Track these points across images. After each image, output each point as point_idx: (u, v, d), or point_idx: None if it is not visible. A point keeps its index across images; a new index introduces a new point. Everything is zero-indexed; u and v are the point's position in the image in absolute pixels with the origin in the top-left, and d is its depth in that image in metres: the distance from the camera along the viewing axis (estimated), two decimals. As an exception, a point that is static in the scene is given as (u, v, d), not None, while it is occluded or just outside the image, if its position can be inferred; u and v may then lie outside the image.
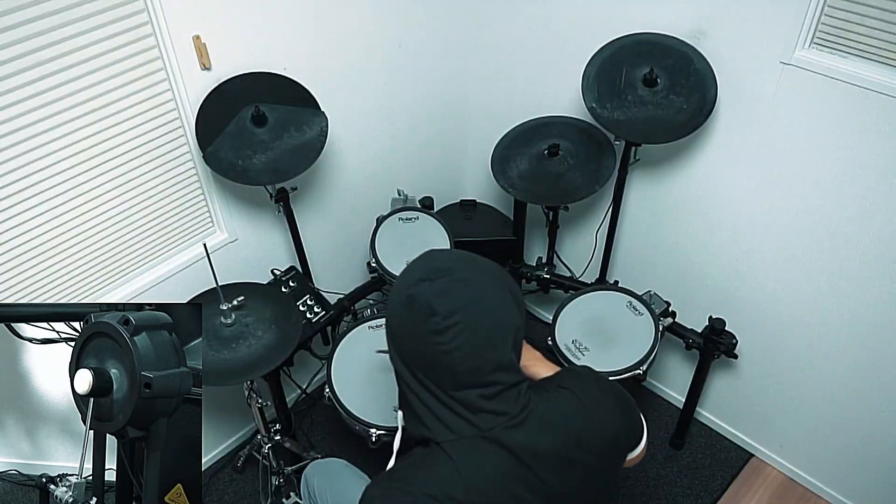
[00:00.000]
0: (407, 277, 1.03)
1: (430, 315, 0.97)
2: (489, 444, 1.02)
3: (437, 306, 0.97)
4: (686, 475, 2.37)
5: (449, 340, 0.97)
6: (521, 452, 1.03)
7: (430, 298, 0.97)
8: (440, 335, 0.97)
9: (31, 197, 1.56)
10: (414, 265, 1.05)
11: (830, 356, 2.02)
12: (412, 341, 1.01)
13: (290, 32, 1.84)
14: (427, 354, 0.99)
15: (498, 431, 1.02)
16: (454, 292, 0.98)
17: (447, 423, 1.02)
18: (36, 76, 1.44)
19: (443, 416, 1.02)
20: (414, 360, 1.02)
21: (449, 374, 0.99)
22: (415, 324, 0.99)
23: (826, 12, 1.60)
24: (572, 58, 2.07)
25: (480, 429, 1.01)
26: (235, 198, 1.98)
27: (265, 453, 2.15)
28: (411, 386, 1.03)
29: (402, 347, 1.03)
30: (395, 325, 1.04)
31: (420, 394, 1.03)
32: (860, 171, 1.70)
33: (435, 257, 1.05)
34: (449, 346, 0.97)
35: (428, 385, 1.01)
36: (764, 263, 2.03)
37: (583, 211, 2.45)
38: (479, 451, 1.02)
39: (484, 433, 1.01)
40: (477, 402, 1.01)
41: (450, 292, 0.98)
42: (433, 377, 1.01)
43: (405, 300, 1.00)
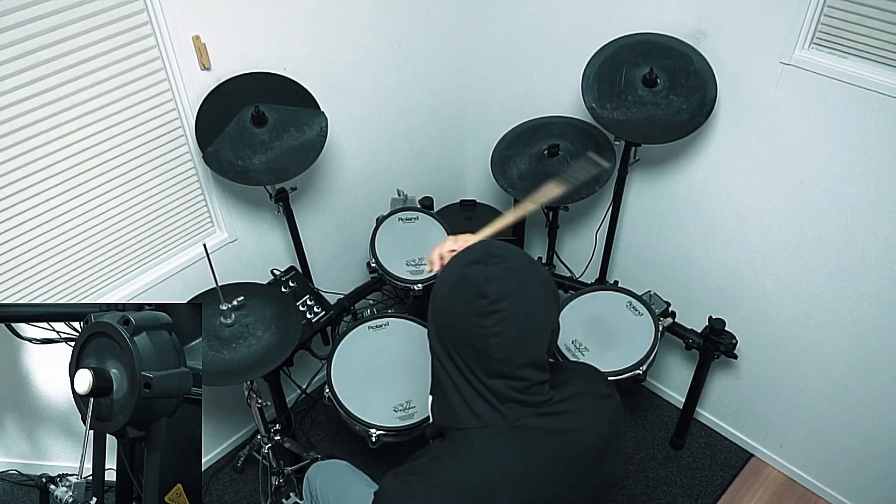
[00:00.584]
0: (462, 258, 1.05)
1: (479, 297, 0.98)
2: (514, 433, 1.03)
3: (487, 289, 0.98)
4: (686, 475, 2.37)
5: (491, 325, 0.98)
6: (546, 443, 1.04)
7: (482, 281, 0.99)
8: (484, 318, 0.98)
9: (31, 197, 1.57)
10: (470, 248, 1.08)
11: (830, 356, 2.02)
12: (455, 319, 1.02)
13: (290, 32, 1.84)
14: (466, 335, 1.00)
15: (524, 421, 1.03)
16: (506, 279, 1.00)
17: (475, 408, 1.03)
18: (36, 76, 1.44)
19: (471, 400, 1.03)
20: (452, 339, 1.02)
21: (483, 359, 1.00)
22: (462, 302, 1.00)
23: (826, 12, 1.60)
24: (572, 58, 2.07)
25: (507, 418, 1.02)
26: (235, 198, 1.98)
27: (265, 453, 2.15)
28: (444, 365, 1.04)
29: (443, 324, 1.04)
30: (440, 302, 1.05)
31: (452, 374, 1.04)
32: (860, 171, 1.70)
33: (493, 244, 1.07)
34: (490, 330, 0.99)
35: (461, 366, 1.02)
36: (764, 263, 2.03)
37: (583, 211, 2.45)
38: (503, 440, 1.03)
39: (511, 423, 1.03)
40: (506, 392, 1.02)
41: (501, 278, 1.00)
42: (467, 359, 1.02)
43: (457, 278, 1.02)
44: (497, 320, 0.98)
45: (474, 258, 1.02)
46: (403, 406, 1.82)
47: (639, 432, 2.50)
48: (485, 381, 1.01)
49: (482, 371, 1.01)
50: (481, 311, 0.98)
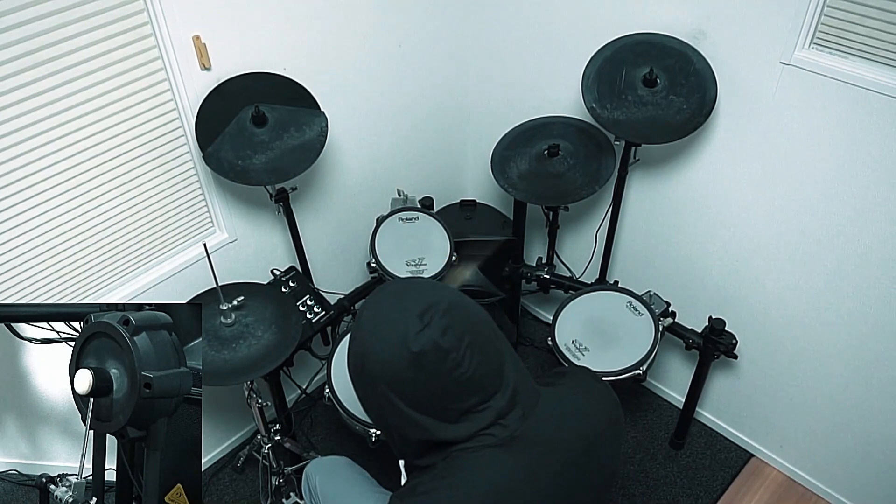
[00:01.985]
0: (394, 337, 0.96)
1: (446, 356, 0.94)
2: (515, 443, 1.02)
3: (448, 345, 0.94)
4: (686, 475, 2.37)
5: (467, 365, 0.96)
6: (543, 447, 1.03)
7: (439, 342, 0.94)
8: (460, 366, 0.95)
9: (31, 197, 1.57)
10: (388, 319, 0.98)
11: (830, 356, 2.02)
12: (433, 390, 0.97)
13: (290, 32, 1.84)
14: (451, 391, 0.97)
15: (521, 431, 1.02)
16: (451, 322, 0.96)
17: (474, 437, 1.00)
18: (36, 76, 1.44)
19: (469, 434, 1.00)
20: (437, 405, 0.98)
21: (475, 394, 0.98)
22: (432, 374, 0.95)
23: (826, 12, 1.60)
24: (572, 58, 2.07)
25: (507, 431, 1.01)
26: (235, 198, 1.98)
27: (265, 453, 2.15)
28: (427, 427, 0.99)
29: (421, 401, 0.98)
30: (406, 387, 0.97)
31: (443, 429, 1.00)
32: (860, 170, 1.70)
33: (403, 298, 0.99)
34: (469, 370, 0.96)
35: (453, 416, 0.99)
36: (764, 263, 2.03)
37: (583, 211, 2.45)
38: (507, 451, 1.01)
39: (511, 434, 1.01)
40: (502, 409, 1.00)
41: (448, 326, 0.95)
42: (459, 406, 0.98)
43: (411, 359, 0.95)
44: (469, 356, 0.96)
45: (412, 328, 0.95)
46: (403, 406, 1.82)
47: (639, 432, 2.50)
48: (480, 409, 0.99)
49: (476, 404, 0.99)
50: (455, 364, 0.95)
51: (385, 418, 1.03)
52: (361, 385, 1.04)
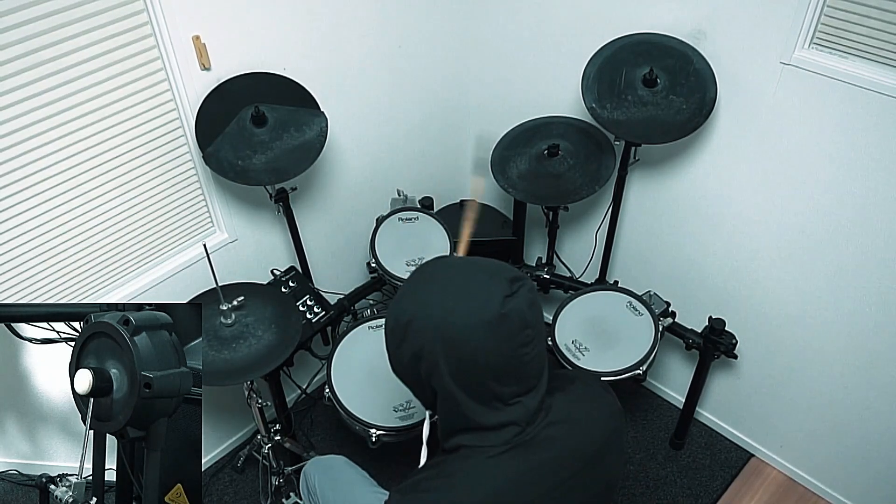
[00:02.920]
0: (483, 296, 0.95)
1: (524, 328, 0.94)
2: (521, 448, 1.01)
3: (530, 318, 0.94)
4: (686, 475, 2.37)
5: (532, 348, 0.96)
6: (552, 451, 1.03)
7: (525, 311, 0.94)
8: (528, 346, 0.95)
9: (31, 197, 1.57)
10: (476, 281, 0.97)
11: (830, 356, 2.02)
12: (493, 360, 0.95)
13: (290, 32, 1.84)
14: (507, 369, 0.96)
15: (529, 435, 1.01)
16: (535, 297, 0.96)
17: (493, 430, 1.00)
18: (36, 76, 1.44)
19: (491, 424, 0.99)
20: (482, 378, 0.97)
21: (519, 383, 0.97)
22: (504, 340, 0.94)
23: (826, 12, 1.60)
24: (572, 58, 2.07)
25: (519, 434, 1.01)
26: (235, 198, 1.98)
27: (265, 453, 2.15)
28: (462, 404, 0.99)
29: (471, 368, 0.96)
30: (468, 347, 0.95)
31: (472, 409, 0.99)
32: (860, 171, 1.70)
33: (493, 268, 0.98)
34: (531, 354, 0.96)
35: (487, 399, 0.98)
36: (764, 263, 2.03)
37: (583, 211, 2.45)
38: (516, 453, 1.01)
39: (520, 439, 1.01)
40: (528, 409, 1.00)
41: (535, 302, 0.96)
42: (501, 390, 0.97)
43: (494, 318, 0.93)
44: (536, 342, 0.96)
45: (503, 292, 0.94)
46: (403, 406, 1.82)
47: (639, 432, 2.50)
48: (510, 402, 0.98)
49: (513, 394, 0.98)
50: (526, 340, 0.95)
51: (419, 378, 1.02)
52: (410, 340, 1.00)
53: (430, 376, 1.00)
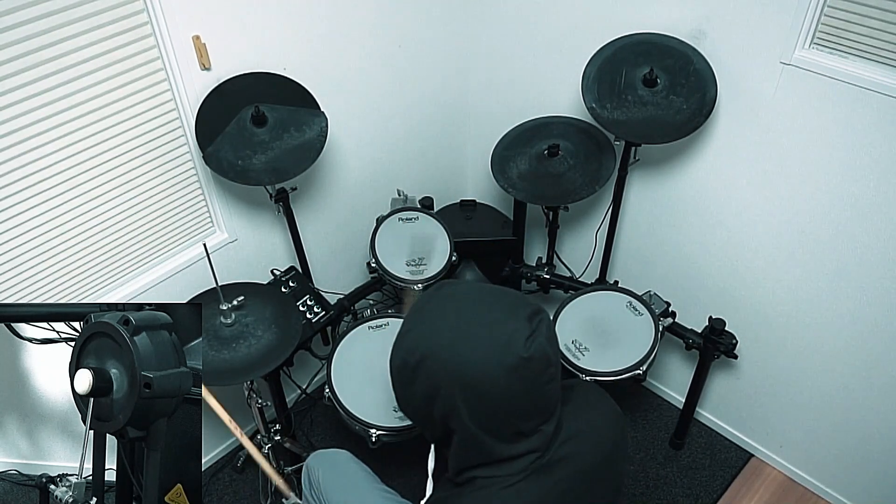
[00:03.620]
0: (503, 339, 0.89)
1: (547, 367, 0.90)
2: (541, 470, 0.99)
3: (552, 356, 0.91)
4: (686, 475, 2.37)
5: (556, 383, 0.92)
6: (566, 470, 1.01)
7: (548, 351, 0.90)
8: (553, 380, 0.91)
9: (31, 197, 1.56)
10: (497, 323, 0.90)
11: (830, 356, 2.02)
12: (516, 402, 0.91)
13: (290, 32, 1.84)
14: (530, 407, 0.92)
15: (542, 461, 0.99)
16: (551, 329, 0.92)
17: (508, 462, 0.96)
18: (36, 76, 1.44)
19: (506, 456, 0.96)
20: (503, 418, 0.92)
21: (539, 414, 0.94)
22: (527, 384, 0.90)
23: (826, 12, 1.60)
24: (572, 58, 2.07)
25: (532, 465, 0.98)
26: (235, 198, 1.98)
27: (265, 453, 2.14)
28: (480, 441, 0.94)
29: (492, 412, 0.92)
30: (490, 391, 0.90)
31: (489, 444, 0.94)
32: (860, 171, 1.70)
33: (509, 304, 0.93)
34: (550, 387, 0.92)
35: (506, 435, 0.94)
36: (764, 263, 2.03)
37: (583, 211, 2.45)
38: (532, 480, 0.98)
39: (540, 463, 0.99)
40: (544, 437, 0.97)
41: (553, 336, 0.91)
42: (522, 425, 0.94)
43: (520, 364, 0.88)
44: (557, 376, 0.92)
45: (523, 333, 0.88)
46: (403, 406, 1.82)
47: (639, 432, 2.50)
48: (527, 432, 0.95)
49: (531, 426, 0.94)
50: (550, 378, 0.91)
51: (431, 418, 0.96)
52: (421, 381, 0.95)
53: (446, 418, 0.95)
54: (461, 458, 0.98)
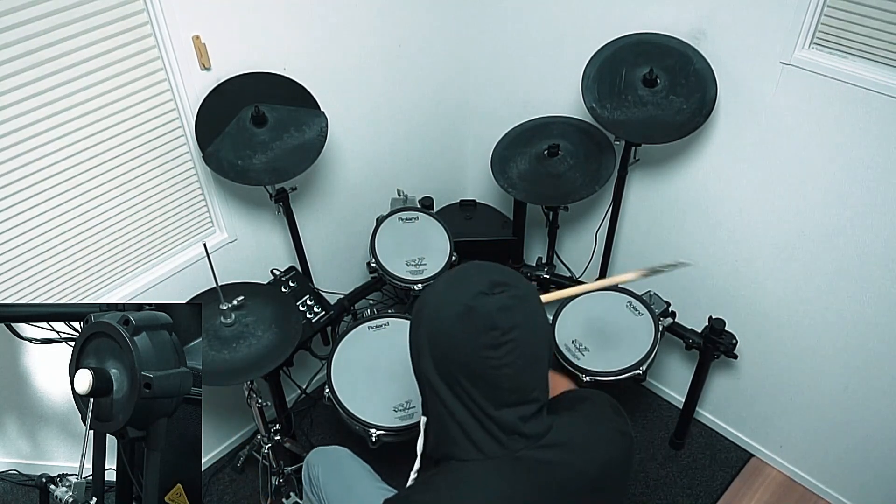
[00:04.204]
0: (463, 288, 0.98)
1: (490, 329, 0.94)
2: (515, 465, 0.99)
3: (498, 321, 0.94)
4: (686, 475, 2.37)
5: (502, 356, 0.95)
6: (546, 475, 1.01)
7: (493, 313, 0.94)
8: (495, 350, 0.95)
9: (31, 197, 1.56)
10: (466, 275, 1.00)
11: (830, 356, 2.02)
12: (460, 354, 0.97)
13: (290, 32, 1.84)
14: (474, 368, 0.96)
15: (525, 453, 1.00)
16: (515, 309, 0.96)
17: (477, 441, 0.99)
18: (36, 76, 1.44)
19: (472, 432, 0.99)
20: (456, 371, 0.98)
21: (492, 391, 0.97)
22: (469, 336, 0.95)
23: (826, 12, 1.60)
24: (572, 58, 2.07)
25: (509, 449, 0.99)
26: (235, 198, 1.98)
27: (265, 453, 2.15)
28: (443, 396, 0.99)
29: (445, 356, 0.98)
30: (442, 336, 0.98)
31: (451, 405, 0.99)
32: (860, 171, 1.70)
33: (490, 270, 1.01)
34: (500, 361, 0.95)
35: (464, 398, 0.98)
36: (764, 263, 2.03)
37: (583, 211, 2.45)
38: (503, 472, 0.99)
39: (512, 454, 0.99)
40: (513, 424, 0.98)
41: (511, 308, 0.95)
42: (473, 392, 0.97)
43: (462, 311, 0.96)
44: (507, 351, 0.95)
45: (480, 289, 0.96)
46: (403, 406, 1.82)
47: (639, 432, 2.49)
48: (491, 413, 0.97)
49: (490, 403, 0.97)
50: (492, 343, 0.94)
51: (416, 367, 1.05)
52: (412, 326, 1.05)
53: (418, 367, 1.04)
54: (434, 426, 1.03)
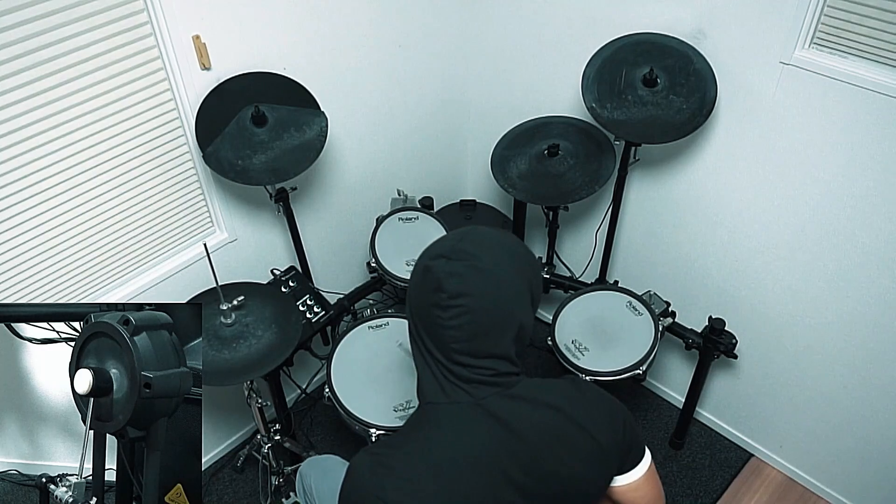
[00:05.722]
0: (433, 248, 1.07)
1: (437, 290, 1.01)
2: (481, 411, 1.04)
3: (444, 285, 1.01)
4: (686, 475, 2.37)
5: (448, 318, 1.01)
6: (513, 423, 1.03)
7: (441, 276, 1.01)
8: (441, 310, 1.02)
9: (31, 197, 1.57)
10: (448, 238, 1.09)
11: (830, 356, 2.02)
12: (418, 306, 1.06)
13: (290, 32, 1.84)
14: (427, 320, 1.05)
15: (490, 400, 1.04)
16: (467, 277, 1.01)
17: (442, 385, 1.06)
18: (36, 76, 1.44)
19: (439, 377, 1.06)
20: (417, 322, 1.07)
21: (442, 346, 1.04)
22: (423, 291, 1.04)
23: (826, 12, 1.60)
24: (572, 58, 2.07)
25: (473, 396, 1.04)
26: (235, 198, 1.98)
27: (265, 453, 2.15)
28: (416, 343, 1.09)
29: (412, 307, 1.09)
30: (411, 287, 1.09)
31: (422, 352, 1.08)
32: (860, 170, 1.70)
33: (467, 238, 1.07)
34: (447, 322, 1.02)
35: (425, 347, 1.06)
36: (764, 263, 2.03)
37: (583, 211, 2.45)
38: (470, 418, 1.04)
39: (477, 401, 1.04)
40: (467, 375, 1.05)
41: (462, 276, 1.01)
42: (428, 342, 1.06)
43: (422, 268, 1.05)
44: (454, 314, 1.01)
45: (441, 251, 1.04)
46: (403, 406, 1.82)
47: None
48: (445, 363, 1.04)
49: (442, 355, 1.04)
50: (438, 303, 1.01)
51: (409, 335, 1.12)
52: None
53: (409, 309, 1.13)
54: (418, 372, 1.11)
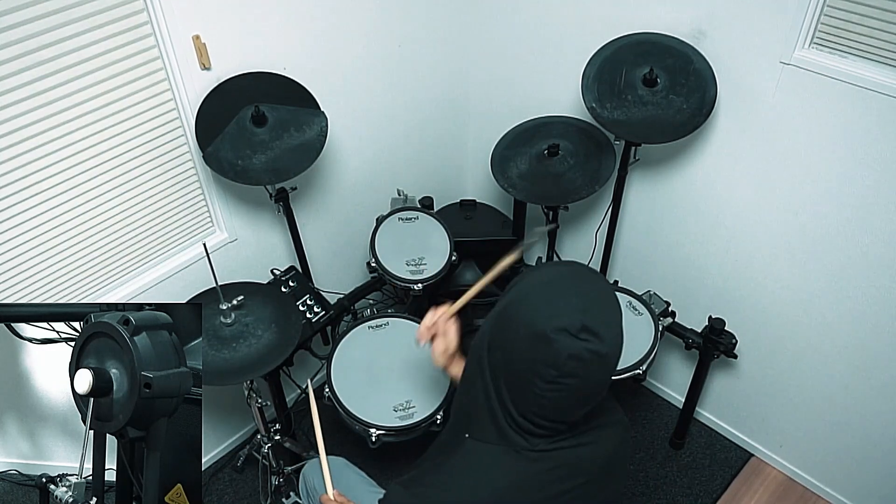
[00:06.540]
0: (555, 311, 0.94)
1: (550, 366, 0.93)
2: (529, 457, 1.02)
3: (562, 364, 0.93)
4: (686, 475, 2.37)
5: (548, 391, 0.95)
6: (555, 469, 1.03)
7: (562, 357, 0.92)
8: (545, 383, 0.94)
9: (31, 197, 1.56)
10: (568, 300, 0.95)
11: (830, 356, 2.02)
12: (517, 361, 0.97)
13: (290, 32, 1.84)
14: (521, 382, 0.96)
15: (541, 447, 1.02)
16: (587, 363, 0.94)
17: (499, 426, 1.01)
18: (36, 76, 1.44)
19: (500, 422, 1.01)
20: (503, 370, 0.99)
21: (524, 407, 0.98)
22: (531, 356, 0.94)
23: (826, 12, 1.60)
24: (572, 58, 2.07)
25: (528, 442, 1.01)
26: (235, 198, 1.98)
27: (265, 453, 2.15)
28: (486, 379, 1.01)
29: (502, 356, 0.99)
30: (508, 341, 0.98)
31: (488, 390, 1.01)
32: (860, 170, 1.70)
33: (591, 311, 0.95)
34: (545, 394, 0.95)
35: (500, 391, 0.99)
36: (764, 263, 2.03)
37: (583, 211, 2.45)
38: (517, 462, 1.02)
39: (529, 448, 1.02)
40: (531, 429, 1.01)
41: (583, 361, 0.93)
42: (507, 392, 0.99)
43: (538, 333, 0.93)
44: (556, 389, 0.94)
45: (564, 324, 0.91)
46: (403, 406, 1.82)
47: (639, 432, 2.50)
48: (516, 417, 0.99)
49: (518, 413, 0.99)
50: (545, 377, 0.93)
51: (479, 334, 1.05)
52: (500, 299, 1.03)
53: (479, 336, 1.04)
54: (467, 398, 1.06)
